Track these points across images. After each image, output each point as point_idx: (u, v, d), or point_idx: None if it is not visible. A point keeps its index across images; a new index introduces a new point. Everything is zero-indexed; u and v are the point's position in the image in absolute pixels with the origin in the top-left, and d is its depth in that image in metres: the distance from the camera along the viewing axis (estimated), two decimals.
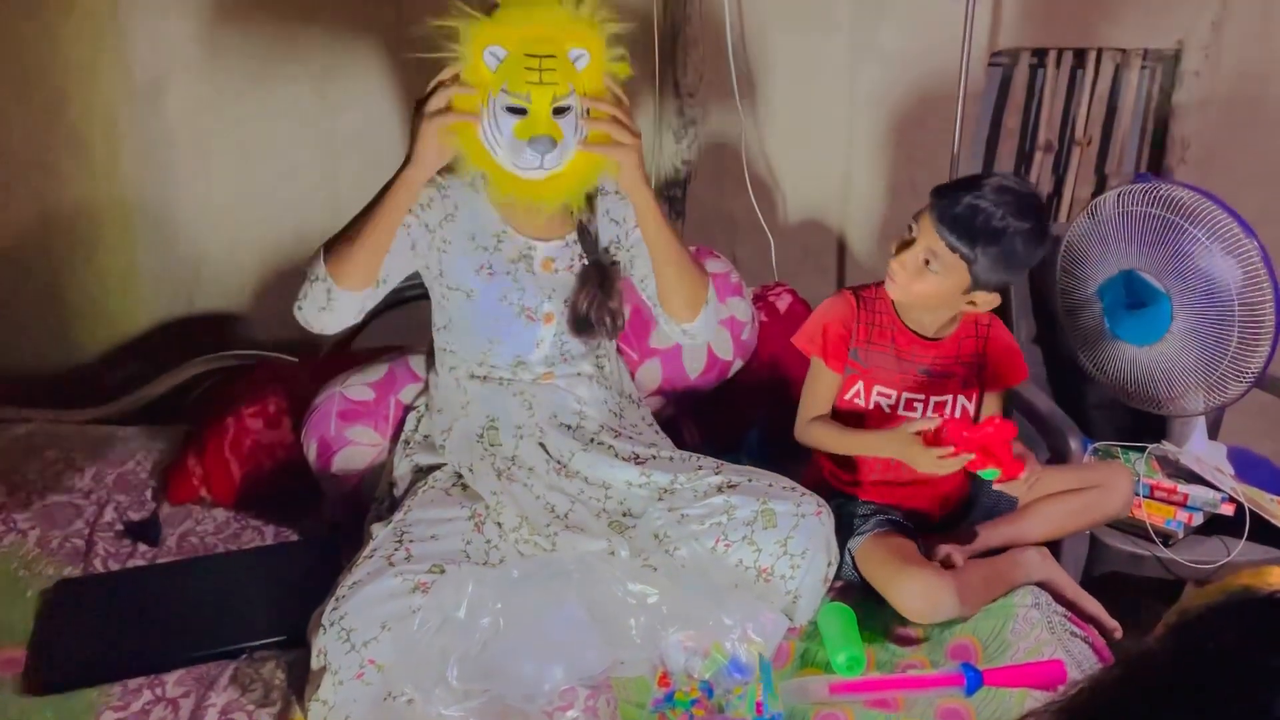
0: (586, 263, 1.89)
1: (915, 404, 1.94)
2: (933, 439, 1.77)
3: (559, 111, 1.69)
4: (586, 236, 1.90)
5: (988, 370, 1.98)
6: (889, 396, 1.94)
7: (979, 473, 1.79)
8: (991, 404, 1.99)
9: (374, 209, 1.74)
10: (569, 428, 1.90)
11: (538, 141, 1.68)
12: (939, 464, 1.77)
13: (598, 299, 1.88)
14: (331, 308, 1.77)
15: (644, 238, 1.85)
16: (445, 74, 1.70)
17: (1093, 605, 1.90)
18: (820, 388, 1.96)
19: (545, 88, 1.67)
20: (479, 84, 1.69)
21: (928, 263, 1.83)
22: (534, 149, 1.68)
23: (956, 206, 1.80)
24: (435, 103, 1.69)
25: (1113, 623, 1.90)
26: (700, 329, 1.95)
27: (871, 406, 1.95)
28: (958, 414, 1.95)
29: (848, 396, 1.96)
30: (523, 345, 1.89)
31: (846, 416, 1.96)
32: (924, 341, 1.94)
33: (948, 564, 1.82)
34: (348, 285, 1.76)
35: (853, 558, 1.85)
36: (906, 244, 1.85)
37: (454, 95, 1.69)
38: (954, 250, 1.80)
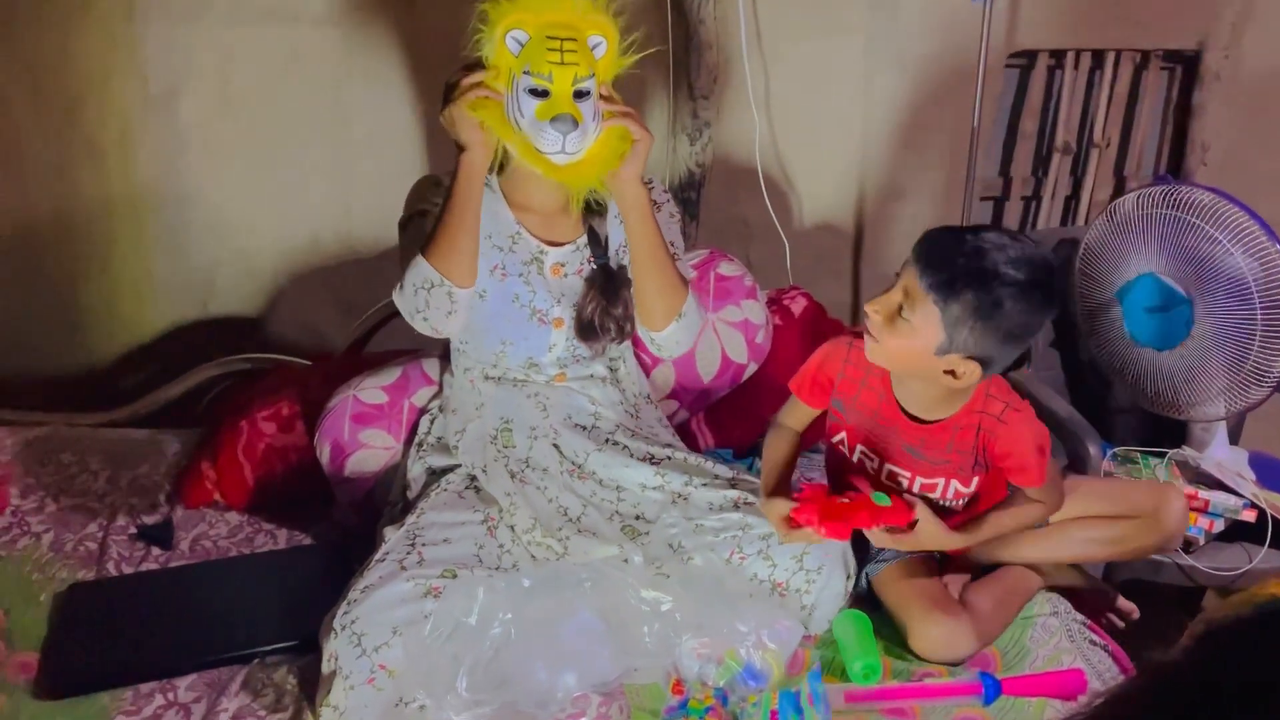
0: (595, 266, 1.89)
1: (900, 478, 1.73)
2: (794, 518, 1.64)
3: (579, 96, 1.74)
4: (596, 240, 1.90)
5: (989, 474, 1.71)
6: (873, 459, 1.74)
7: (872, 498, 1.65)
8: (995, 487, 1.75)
9: (453, 205, 1.77)
10: (584, 428, 1.89)
11: (560, 121, 1.71)
12: (791, 537, 1.68)
13: (602, 305, 1.88)
14: (456, 309, 1.81)
15: (627, 232, 1.85)
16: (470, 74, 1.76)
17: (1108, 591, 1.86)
18: (794, 412, 1.83)
19: (567, 68, 1.72)
20: (502, 68, 1.75)
21: (901, 309, 1.56)
22: (556, 128, 1.71)
23: (944, 237, 1.56)
24: (463, 85, 1.74)
25: (1129, 605, 1.87)
26: (667, 341, 1.92)
27: (855, 460, 1.77)
28: (950, 496, 1.73)
29: (834, 440, 1.80)
30: (535, 348, 1.89)
31: (838, 459, 1.83)
32: (908, 421, 1.68)
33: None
34: (464, 282, 1.79)
35: (869, 581, 1.81)
36: (887, 290, 1.60)
37: (479, 77, 1.74)
38: (927, 291, 1.52)
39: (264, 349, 2.58)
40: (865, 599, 1.83)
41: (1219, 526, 2.15)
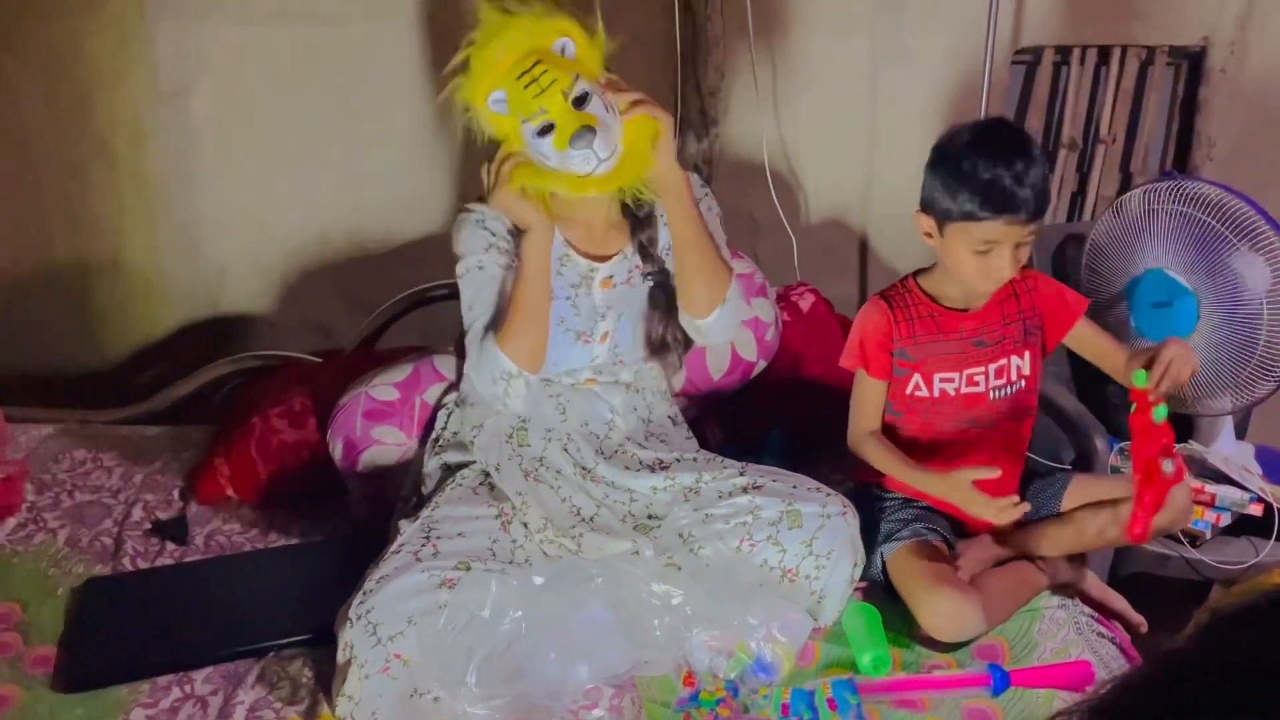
0: (652, 283, 1.90)
1: (976, 378, 1.86)
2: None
3: (579, 103, 1.71)
4: (649, 256, 1.90)
5: (1047, 321, 1.89)
6: (952, 380, 1.86)
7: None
8: (1087, 335, 1.90)
9: (524, 293, 1.77)
10: (596, 436, 1.90)
11: (578, 138, 1.69)
12: (1000, 514, 1.71)
13: (668, 320, 1.90)
14: (532, 391, 1.84)
15: (669, 219, 1.84)
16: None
17: (1118, 601, 1.88)
18: (867, 399, 1.88)
19: (550, 91, 1.69)
20: (505, 135, 1.74)
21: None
22: (577, 146, 1.69)
23: None
24: (495, 172, 1.76)
25: (1138, 617, 1.88)
26: (713, 328, 1.91)
27: (937, 394, 1.86)
28: (1015, 377, 1.87)
29: (909, 391, 1.88)
30: (574, 362, 1.90)
31: (915, 410, 1.89)
32: (964, 315, 1.85)
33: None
34: (538, 369, 1.82)
35: (884, 562, 1.83)
36: None
37: (503, 155, 1.76)
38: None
39: (275, 346, 2.59)
40: (876, 588, 1.84)
41: (1226, 520, 2.15)
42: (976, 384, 1.86)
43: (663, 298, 1.91)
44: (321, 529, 2.03)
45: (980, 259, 1.73)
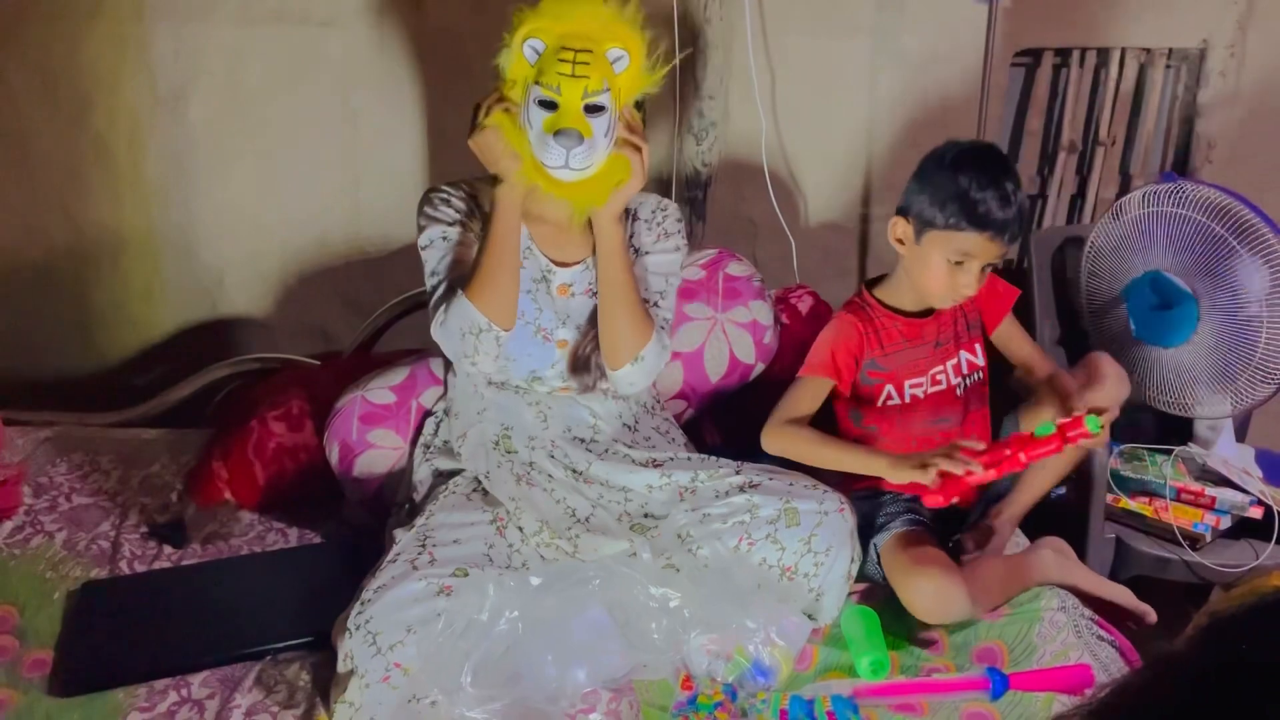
0: (595, 301, 1.88)
1: (939, 377, 1.96)
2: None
3: (592, 111, 1.69)
4: None
5: (984, 312, 1.99)
6: (920, 385, 1.95)
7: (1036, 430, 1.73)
8: (1013, 334, 2.01)
9: (493, 243, 1.76)
10: (582, 441, 1.89)
11: (564, 135, 1.67)
12: (925, 473, 1.70)
13: (597, 343, 1.87)
14: (504, 351, 1.81)
15: (598, 267, 1.83)
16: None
17: (1119, 592, 1.88)
18: (805, 399, 1.91)
19: (577, 81, 1.68)
20: (519, 78, 1.72)
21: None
22: (559, 142, 1.68)
23: None
24: (486, 105, 1.74)
25: (1144, 606, 1.88)
26: (620, 381, 1.88)
27: (909, 400, 1.95)
28: (965, 370, 1.97)
29: (880, 402, 1.95)
30: (538, 363, 1.89)
31: (889, 419, 1.95)
32: (925, 320, 1.94)
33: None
34: (508, 325, 1.79)
35: (878, 554, 1.84)
36: None
37: (498, 94, 1.75)
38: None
39: (273, 349, 2.59)
40: (876, 590, 1.84)
41: (1225, 523, 2.15)
42: (940, 383, 1.96)
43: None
44: (319, 532, 2.03)
45: (951, 271, 1.82)
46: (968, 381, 1.99)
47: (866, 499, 1.91)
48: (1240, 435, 2.41)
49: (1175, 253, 2.21)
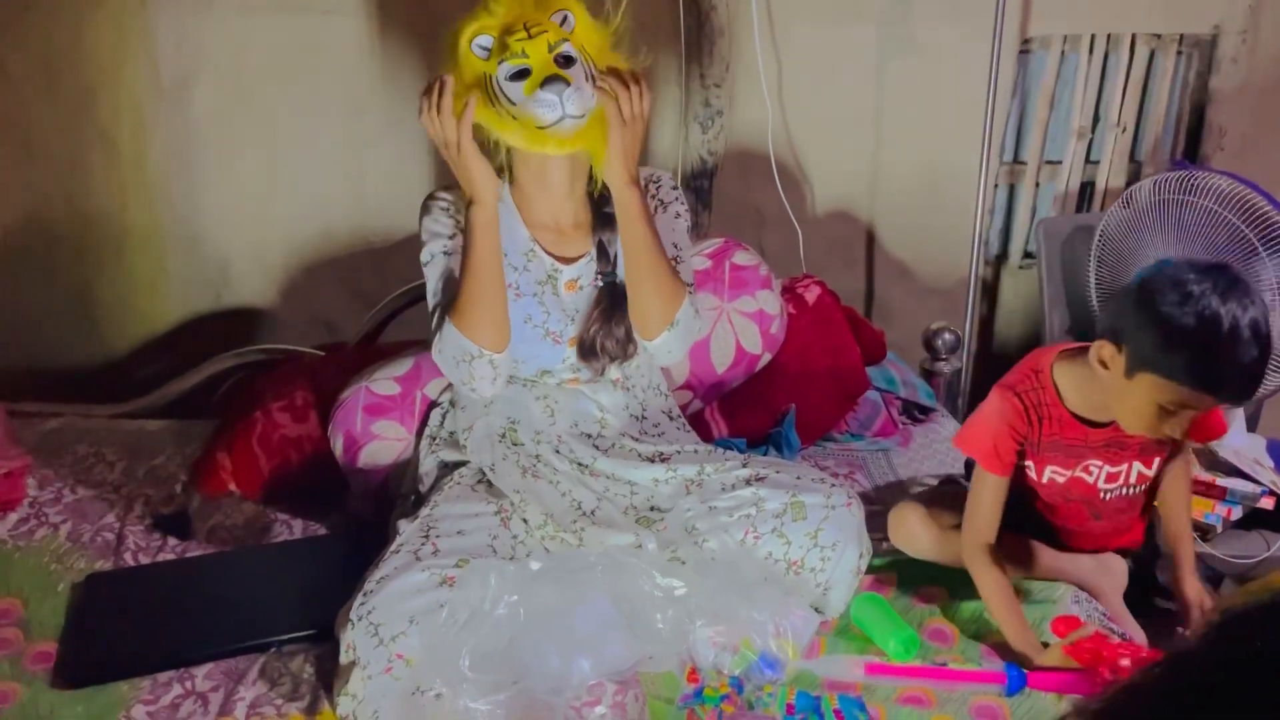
0: (601, 284, 1.86)
1: (1091, 468, 1.75)
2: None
3: (564, 62, 1.68)
4: (605, 255, 1.86)
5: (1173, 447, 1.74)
6: (1062, 475, 1.76)
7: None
8: (1184, 470, 1.82)
9: (473, 267, 1.73)
10: (588, 436, 1.88)
11: (549, 84, 1.65)
12: (1041, 658, 1.64)
13: (604, 326, 1.84)
14: (500, 372, 1.79)
15: (622, 241, 1.80)
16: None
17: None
18: (986, 502, 1.74)
19: (538, 40, 1.68)
20: (475, 76, 1.71)
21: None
22: (548, 91, 1.65)
23: None
24: (432, 98, 1.70)
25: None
26: (659, 350, 1.86)
27: (1045, 481, 1.77)
28: (1133, 479, 1.76)
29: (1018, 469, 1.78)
30: (547, 362, 1.88)
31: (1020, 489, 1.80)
32: (1092, 429, 1.71)
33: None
34: (500, 347, 1.76)
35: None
36: None
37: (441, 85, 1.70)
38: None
39: (277, 340, 2.58)
40: (879, 587, 1.82)
41: (1237, 514, 2.14)
42: (1089, 473, 1.76)
43: (605, 299, 1.85)
44: (324, 524, 2.02)
45: (1159, 414, 1.57)
46: (1128, 491, 1.78)
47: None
48: (1251, 425, 2.40)
49: (1186, 241, 2.19)
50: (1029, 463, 1.76)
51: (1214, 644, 0.68)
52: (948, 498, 1.87)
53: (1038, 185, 2.78)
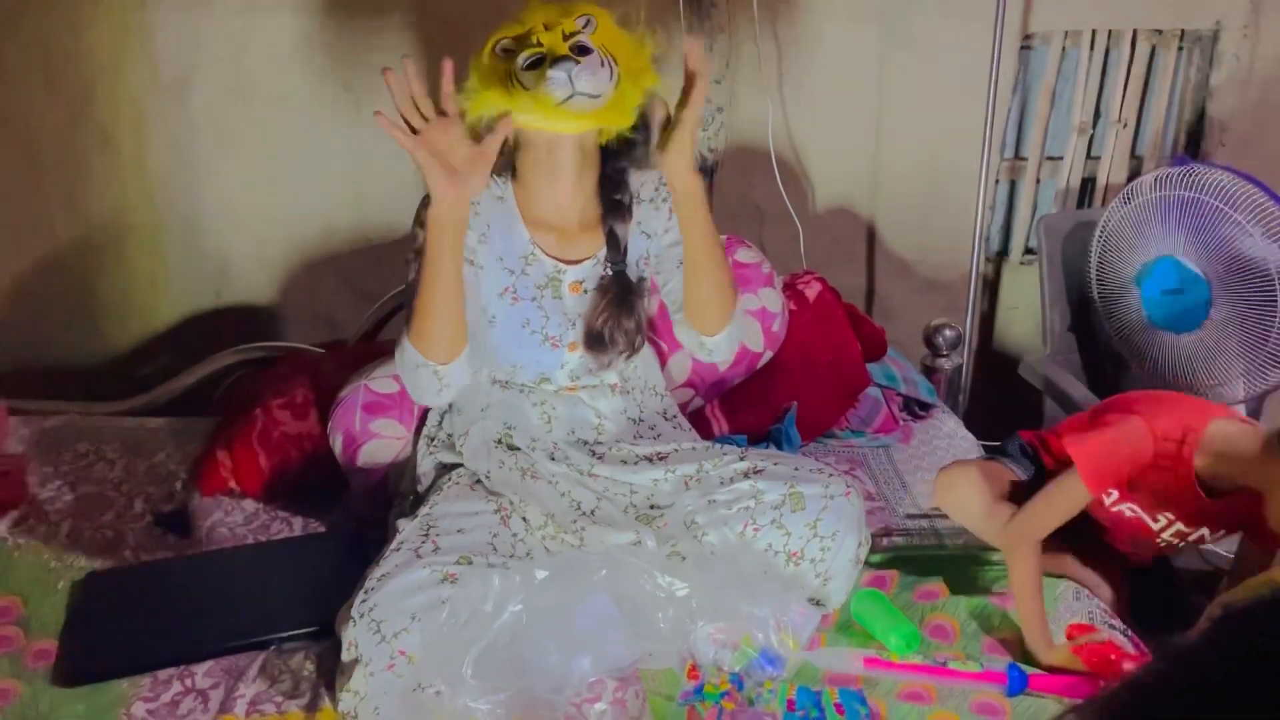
0: (610, 273, 1.83)
1: (1161, 518, 1.74)
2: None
3: (578, 49, 1.64)
4: (615, 245, 1.82)
5: (1263, 526, 1.67)
6: (1133, 513, 1.75)
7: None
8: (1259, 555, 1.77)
9: (425, 277, 1.67)
10: (584, 443, 1.87)
11: (559, 64, 1.61)
12: (1051, 655, 1.64)
13: (614, 317, 1.81)
14: (447, 383, 1.75)
15: (684, 233, 1.76)
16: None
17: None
18: (1064, 506, 1.72)
19: (553, 32, 1.65)
20: (498, 75, 1.68)
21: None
22: (558, 69, 1.60)
23: None
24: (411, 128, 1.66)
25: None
26: (720, 346, 1.86)
27: (1114, 510, 1.76)
28: (1193, 539, 1.75)
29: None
30: (546, 368, 1.86)
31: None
32: (1212, 499, 1.67)
33: None
34: (446, 359, 1.72)
35: None
36: None
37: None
38: None
39: (277, 337, 2.58)
40: (879, 583, 1.82)
41: None
42: (1158, 519, 1.75)
43: (615, 288, 1.82)
44: (324, 521, 2.02)
45: None
46: (1180, 544, 1.77)
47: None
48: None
49: (1188, 236, 2.19)
50: (1114, 492, 1.73)
51: (1215, 639, 0.68)
52: (992, 472, 1.86)
53: (1039, 181, 2.77)
